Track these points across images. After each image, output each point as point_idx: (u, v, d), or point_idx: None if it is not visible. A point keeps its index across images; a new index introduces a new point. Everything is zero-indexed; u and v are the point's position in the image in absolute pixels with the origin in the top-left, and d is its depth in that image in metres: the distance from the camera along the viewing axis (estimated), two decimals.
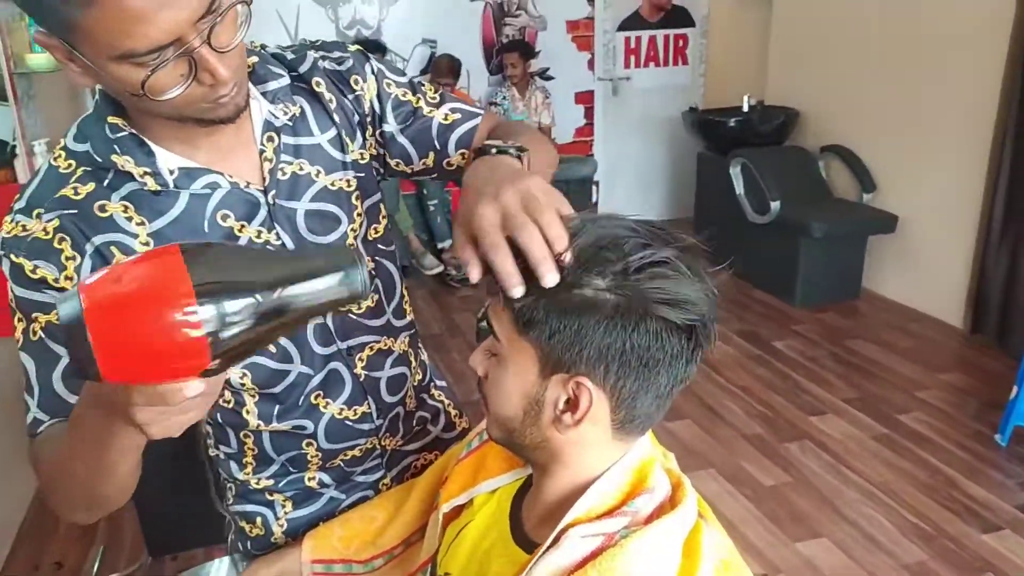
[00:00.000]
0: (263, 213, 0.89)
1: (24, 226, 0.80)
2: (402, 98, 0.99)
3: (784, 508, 2.50)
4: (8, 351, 2.51)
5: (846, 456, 2.76)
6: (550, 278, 0.65)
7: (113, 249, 0.82)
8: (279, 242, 0.90)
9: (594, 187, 5.36)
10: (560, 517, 0.71)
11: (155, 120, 0.81)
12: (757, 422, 3.02)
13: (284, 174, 0.91)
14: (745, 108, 4.63)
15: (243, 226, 0.88)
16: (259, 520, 1.08)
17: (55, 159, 0.84)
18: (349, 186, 0.96)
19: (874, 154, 4.11)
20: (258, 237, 0.89)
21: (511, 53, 4.80)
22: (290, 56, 0.95)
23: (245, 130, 0.89)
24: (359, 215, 0.98)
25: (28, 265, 0.80)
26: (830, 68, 4.35)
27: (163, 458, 1.59)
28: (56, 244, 0.80)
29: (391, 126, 0.99)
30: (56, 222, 0.80)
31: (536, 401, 0.71)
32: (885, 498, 2.52)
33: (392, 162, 1.02)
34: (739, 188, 4.27)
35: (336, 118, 0.95)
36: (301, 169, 0.92)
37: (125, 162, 0.82)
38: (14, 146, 2.87)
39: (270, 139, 0.90)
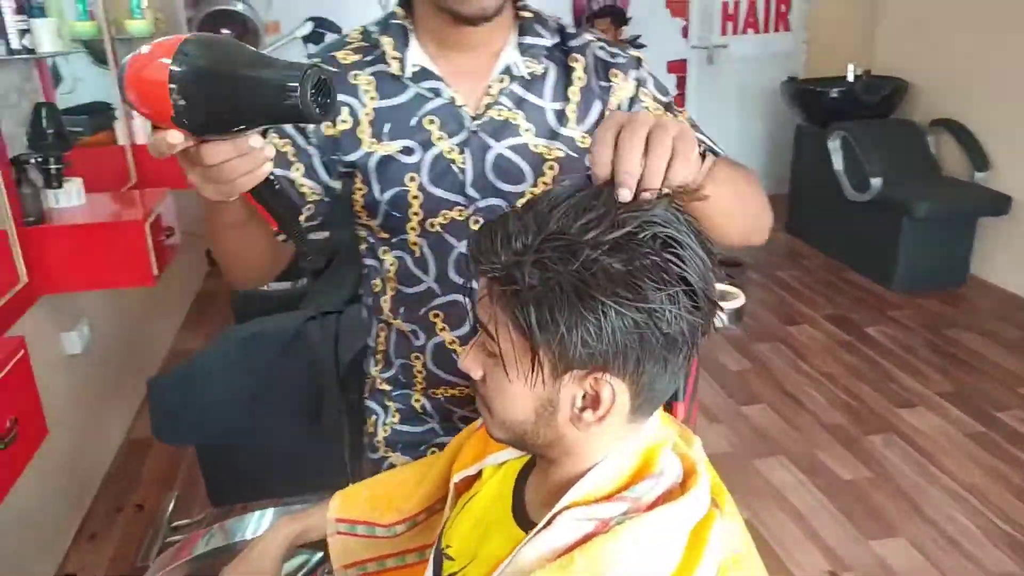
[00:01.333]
0: (462, 136, 0.99)
1: None
2: (650, 111, 0.99)
3: (860, 504, 2.37)
4: (105, 308, 2.66)
5: (934, 453, 2.59)
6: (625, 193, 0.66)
7: (344, 110, 0.99)
8: (464, 165, 0.99)
9: None
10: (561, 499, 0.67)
11: (424, 13, 0.98)
12: (840, 411, 2.87)
13: (498, 115, 0.99)
14: (850, 78, 4.36)
15: (441, 137, 0.99)
16: (373, 419, 1.20)
17: (351, 31, 1.04)
18: (549, 154, 1.00)
19: (989, 129, 3.80)
20: (449, 153, 0.99)
21: (602, 19, 4.67)
22: (570, 30, 1.03)
23: (485, 62, 0.99)
24: (544, 183, 1.02)
25: None
26: (944, 35, 4.03)
27: (227, 412, 1.64)
28: None
29: None
30: None
31: (550, 402, 0.65)
32: (974, 500, 2.35)
33: None
34: (838, 163, 4.04)
35: (574, 96, 1.00)
36: (514, 119, 0.99)
37: (387, 44, 0.99)
38: (114, 109, 3.01)
39: (501, 80, 0.99)
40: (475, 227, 1.01)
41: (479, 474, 0.85)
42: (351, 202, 1.06)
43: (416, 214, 1.02)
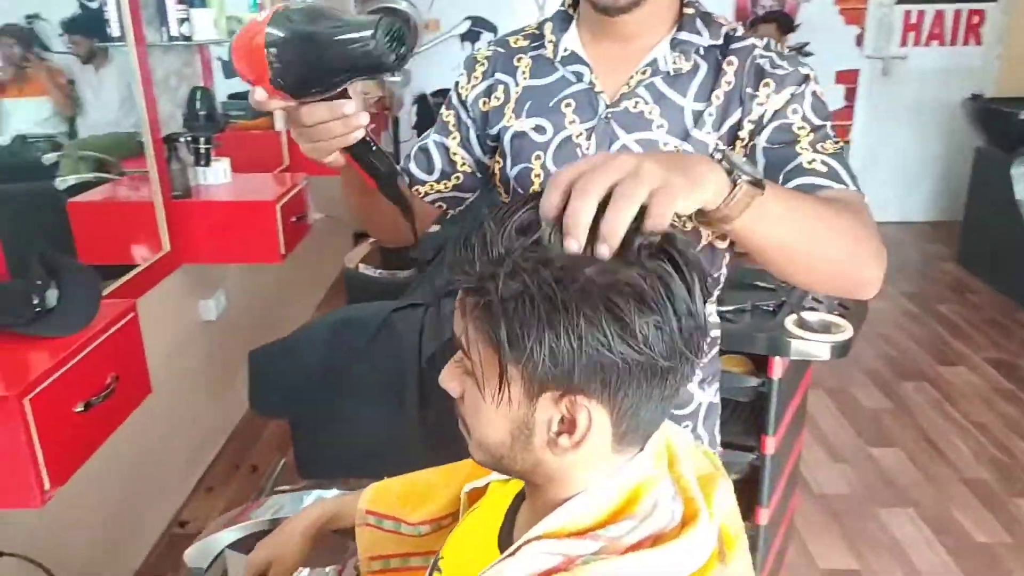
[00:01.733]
0: (593, 122, 0.97)
1: (488, 48, 1.08)
2: (794, 128, 0.93)
3: (991, 572, 2.11)
4: (243, 281, 2.86)
5: None
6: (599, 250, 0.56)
7: (499, 88, 1.04)
8: (588, 151, 0.97)
9: None
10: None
11: (584, 4, 0.98)
12: (985, 466, 2.58)
13: (634, 107, 0.96)
14: None
15: (574, 121, 0.98)
16: None
17: (531, 25, 1.08)
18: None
19: None
20: (577, 137, 0.98)
21: (767, 24, 4.44)
22: (737, 33, 0.98)
23: (635, 54, 0.97)
24: None
25: (461, 70, 1.08)
26: None
27: (315, 391, 1.71)
28: (478, 64, 1.06)
29: (761, 141, 0.94)
30: (490, 52, 1.06)
31: (525, 424, 0.61)
32: None
33: None
34: (1020, 193, 3.62)
35: (717, 100, 0.95)
36: (650, 113, 0.96)
37: (547, 28, 1.03)
38: None
39: (644, 73, 0.96)
40: None
41: (487, 487, 0.82)
42: (492, 181, 1.10)
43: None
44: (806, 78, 0.94)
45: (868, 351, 3.39)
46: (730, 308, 1.61)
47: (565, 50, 1.00)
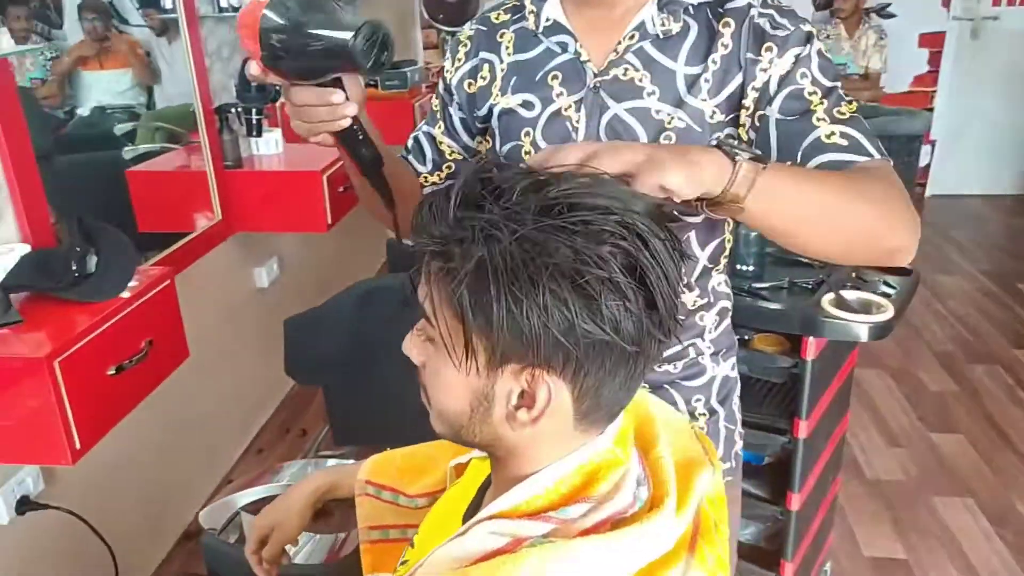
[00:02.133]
0: (582, 93, 0.94)
1: (469, 27, 1.04)
2: (805, 95, 0.87)
3: None
4: (297, 250, 2.91)
5: None
6: None
7: (485, 67, 1.00)
8: (578, 124, 0.94)
9: (926, 147, 4.60)
10: None
11: None
12: None
13: (623, 75, 0.92)
14: None
15: (561, 93, 0.95)
16: None
17: None
18: (669, 123, 0.91)
19: None
20: (566, 110, 0.94)
21: None
22: None
23: (621, 18, 0.92)
24: None
25: (447, 54, 1.06)
26: None
27: (348, 359, 1.73)
28: (460, 45, 1.03)
29: (773, 112, 0.88)
30: (472, 31, 1.03)
31: (485, 396, 0.60)
32: None
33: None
34: None
35: (713, 64, 0.90)
36: (640, 81, 0.91)
37: (532, 2, 0.97)
38: None
39: (631, 37, 0.91)
40: None
41: (469, 462, 0.81)
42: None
43: None
44: (809, 36, 0.88)
45: (939, 331, 3.23)
46: (767, 285, 1.54)
47: (547, 20, 0.95)
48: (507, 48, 0.99)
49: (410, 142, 1.10)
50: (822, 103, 0.86)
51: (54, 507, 1.55)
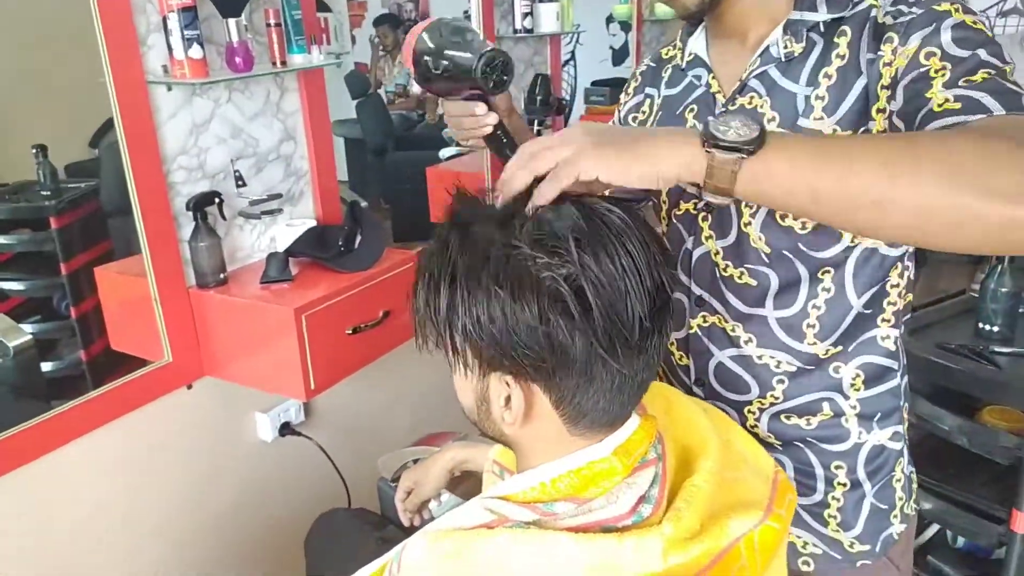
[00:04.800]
0: None
1: (647, 61, 1.10)
2: (930, 73, 0.73)
3: None
4: None
5: None
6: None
7: (646, 103, 1.05)
8: None
9: None
10: None
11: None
12: None
13: (748, 102, 0.90)
14: None
15: (693, 126, 0.96)
16: None
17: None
18: None
19: None
20: None
21: None
22: None
23: (752, 45, 0.91)
24: None
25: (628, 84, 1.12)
26: None
27: None
28: (634, 79, 1.10)
29: (895, 106, 0.77)
30: (645, 67, 1.09)
31: (483, 397, 0.67)
32: None
33: None
34: None
35: (826, 80, 0.84)
36: (761, 107, 0.89)
37: (679, 35, 1.02)
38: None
39: (755, 64, 0.90)
40: (703, 223, 0.96)
41: None
42: None
43: (664, 201, 1.03)
44: (943, 14, 0.75)
45: None
46: (1009, 350, 1.34)
47: (690, 54, 0.98)
48: (665, 83, 1.03)
49: None
50: (944, 76, 0.71)
51: (305, 436, 1.89)
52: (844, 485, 0.96)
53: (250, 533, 1.85)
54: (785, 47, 0.87)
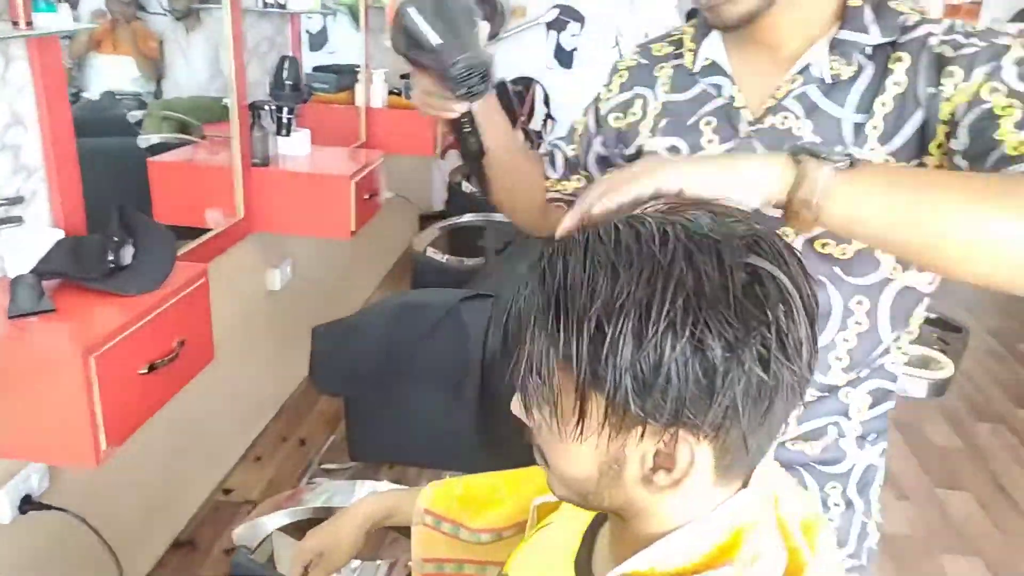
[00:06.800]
0: (732, 143, 0.85)
1: (631, 55, 0.99)
2: (995, 111, 0.71)
3: None
4: (309, 254, 2.86)
5: None
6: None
7: (637, 103, 0.95)
8: None
9: None
10: None
11: None
12: None
13: (782, 123, 0.82)
14: None
15: (712, 140, 0.87)
16: None
17: (680, 27, 0.96)
18: None
19: None
20: None
21: None
22: (910, 22, 0.80)
23: (785, 59, 0.83)
24: None
25: (606, 77, 1.00)
26: None
27: (375, 373, 1.68)
28: (617, 74, 0.98)
29: (958, 144, 0.74)
30: (632, 61, 0.98)
31: (615, 459, 0.54)
32: None
33: None
34: None
35: (881, 108, 0.79)
36: (799, 129, 0.81)
37: (686, 35, 0.92)
38: (358, 71, 3.21)
39: (793, 81, 0.82)
40: None
41: (559, 503, 0.77)
42: None
43: None
44: (1006, 48, 0.74)
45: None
46: None
47: (706, 60, 0.88)
48: (664, 86, 0.93)
49: (546, 146, 1.09)
50: (1016, 114, 0.70)
51: (57, 508, 1.47)
52: (838, 505, 0.92)
53: None
54: (832, 69, 0.80)
